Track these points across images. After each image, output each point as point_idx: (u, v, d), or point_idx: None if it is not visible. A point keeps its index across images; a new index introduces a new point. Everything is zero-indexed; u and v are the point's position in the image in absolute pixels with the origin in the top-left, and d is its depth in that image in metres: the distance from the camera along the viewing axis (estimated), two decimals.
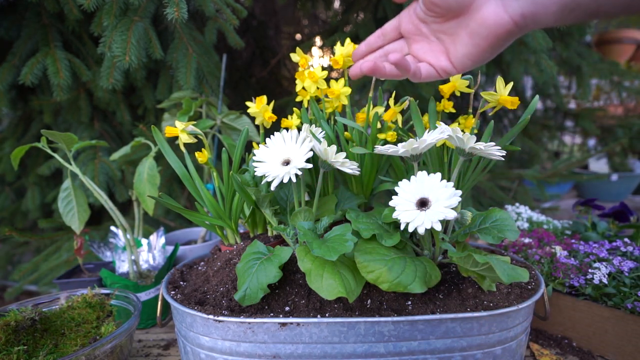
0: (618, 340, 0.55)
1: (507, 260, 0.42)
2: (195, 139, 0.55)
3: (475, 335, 0.42)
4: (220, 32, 0.94)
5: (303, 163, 0.44)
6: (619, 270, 0.57)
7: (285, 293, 0.45)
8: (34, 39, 0.91)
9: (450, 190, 0.39)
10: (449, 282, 0.47)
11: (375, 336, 0.41)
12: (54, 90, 0.85)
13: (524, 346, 0.47)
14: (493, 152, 0.42)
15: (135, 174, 0.70)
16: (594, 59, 1.31)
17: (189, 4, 0.73)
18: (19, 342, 0.49)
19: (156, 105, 1.01)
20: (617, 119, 1.77)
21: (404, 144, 0.43)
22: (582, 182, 2.15)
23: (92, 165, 0.98)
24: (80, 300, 0.56)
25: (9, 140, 1.14)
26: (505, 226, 0.46)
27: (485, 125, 0.55)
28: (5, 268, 1.27)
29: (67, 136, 0.60)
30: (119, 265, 0.70)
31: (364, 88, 1.22)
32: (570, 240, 0.68)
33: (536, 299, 0.45)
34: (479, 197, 1.33)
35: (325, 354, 0.41)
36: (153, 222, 1.11)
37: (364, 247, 0.43)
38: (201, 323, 0.42)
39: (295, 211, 0.48)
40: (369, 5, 1.25)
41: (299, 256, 0.42)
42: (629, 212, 0.74)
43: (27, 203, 1.11)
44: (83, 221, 0.67)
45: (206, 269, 0.54)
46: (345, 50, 0.57)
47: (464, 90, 0.54)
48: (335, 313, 0.42)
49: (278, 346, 0.41)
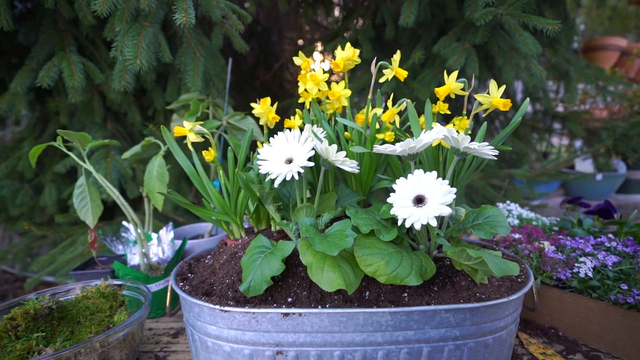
0: (601, 329, 0.55)
1: (498, 254, 0.42)
2: (202, 138, 0.54)
3: (468, 325, 0.41)
4: (226, 37, 0.94)
5: (305, 161, 0.44)
6: (603, 264, 0.57)
7: (287, 285, 0.45)
8: (51, 43, 0.91)
9: (445, 188, 0.39)
10: (443, 275, 0.47)
11: (373, 326, 0.41)
12: (69, 93, 0.85)
13: (513, 335, 0.47)
14: (486, 152, 0.42)
15: (145, 171, 0.70)
16: (581, 65, 1.30)
17: (197, 10, 0.73)
18: (37, 329, 0.49)
19: (165, 107, 1.01)
20: (602, 122, 1.76)
21: (401, 144, 0.42)
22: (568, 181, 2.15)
23: (105, 164, 0.98)
24: (95, 291, 0.56)
25: (27, 140, 1.14)
26: (497, 222, 0.46)
27: (478, 126, 0.55)
28: (25, 260, 1.27)
29: (81, 136, 0.60)
30: (131, 258, 0.70)
31: (363, 90, 1.21)
32: (557, 236, 0.68)
33: (525, 291, 0.45)
34: (471, 194, 1.33)
35: (325, 342, 0.41)
36: (162, 217, 1.11)
37: (363, 241, 0.42)
38: (208, 313, 0.42)
39: (298, 207, 0.48)
40: (368, 12, 1.24)
41: (301, 250, 0.42)
42: (613, 210, 0.74)
43: (44, 199, 1.11)
44: (96, 216, 0.67)
45: (213, 262, 0.54)
46: (345, 54, 0.56)
47: (459, 93, 0.54)
48: (335, 304, 0.42)
49: (281, 335, 0.41)
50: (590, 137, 1.69)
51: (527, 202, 1.51)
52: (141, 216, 0.77)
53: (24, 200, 1.17)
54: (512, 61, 0.95)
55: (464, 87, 0.54)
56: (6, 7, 0.76)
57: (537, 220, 0.81)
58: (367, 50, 1.14)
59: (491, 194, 1.28)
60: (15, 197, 1.17)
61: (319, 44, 1.49)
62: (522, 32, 0.83)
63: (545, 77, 0.95)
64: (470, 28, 0.93)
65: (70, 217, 0.96)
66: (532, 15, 0.78)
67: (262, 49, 1.67)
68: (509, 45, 0.94)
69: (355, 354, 0.41)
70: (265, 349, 0.41)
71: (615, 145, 1.69)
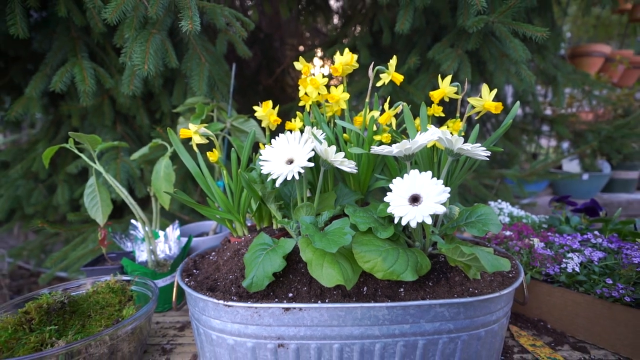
0: (587, 322, 0.55)
1: (490, 251, 0.41)
2: (207, 140, 0.54)
3: (462, 318, 0.41)
4: (230, 44, 0.93)
5: (305, 162, 0.44)
6: (589, 260, 0.57)
7: (288, 281, 0.45)
8: (64, 50, 0.91)
9: (440, 187, 0.38)
10: (438, 271, 0.47)
11: (370, 320, 0.40)
12: (81, 97, 0.84)
13: (504, 328, 0.47)
14: (479, 153, 0.42)
15: (153, 172, 0.70)
16: (568, 70, 1.30)
17: (202, 17, 0.72)
18: (50, 322, 0.49)
19: (172, 110, 1.01)
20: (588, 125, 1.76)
21: (398, 145, 0.42)
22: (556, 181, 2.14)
23: (115, 164, 0.97)
24: (104, 286, 0.56)
25: (41, 142, 1.13)
26: (489, 220, 0.45)
27: (470, 128, 0.54)
28: (39, 256, 1.27)
29: (92, 138, 0.59)
30: (139, 254, 0.70)
31: (361, 94, 1.21)
32: (546, 233, 0.67)
33: (516, 286, 0.44)
34: (464, 194, 1.32)
35: (325, 335, 0.41)
36: (169, 215, 1.11)
37: (361, 239, 0.42)
38: (212, 307, 0.42)
39: (298, 206, 0.48)
40: (365, 19, 1.24)
41: (302, 247, 0.42)
42: (599, 208, 0.73)
43: (57, 198, 1.10)
44: (106, 215, 0.66)
45: (217, 259, 0.53)
46: (344, 59, 0.56)
47: (452, 96, 0.54)
48: (334, 299, 0.42)
49: (282, 329, 0.41)
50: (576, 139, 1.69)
51: (518, 200, 1.50)
52: (149, 215, 0.76)
53: (38, 199, 1.17)
54: (502, 66, 0.95)
55: (457, 91, 0.54)
56: (22, 16, 0.75)
57: (527, 218, 0.81)
58: (364, 56, 1.14)
59: (483, 193, 1.27)
60: (30, 197, 1.16)
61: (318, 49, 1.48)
62: (512, 39, 0.82)
63: (534, 81, 0.94)
64: (463, 35, 0.92)
65: (81, 215, 0.96)
66: (522, 23, 0.77)
67: (264, 54, 1.67)
68: (500, 51, 0.93)
69: (354, 346, 0.41)
70: (267, 342, 0.41)
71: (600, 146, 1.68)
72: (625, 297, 0.50)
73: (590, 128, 1.67)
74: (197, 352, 0.52)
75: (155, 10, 0.69)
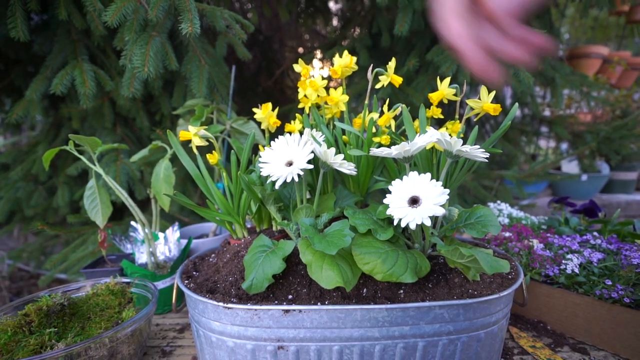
0: (587, 323, 0.55)
1: (489, 252, 0.41)
2: (206, 142, 0.54)
3: (461, 320, 0.41)
4: (229, 46, 0.93)
5: (305, 164, 0.43)
6: (588, 261, 0.57)
7: (288, 283, 0.45)
8: (64, 53, 0.91)
9: (439, 189, 0.38)
10: (437, 272, 0.46)
11: (370, 322, 0.40)
12: (81, 99, 0.84)
13: (504, 330, 0.46)
14: (478, 154, 0.42)
15: (152, 174, 0.70)
16: (566, 72, 1.30)
17: (202, 20, 0.72)
18: (50, 325, 0.49)
19: (172, 112, 1.01)
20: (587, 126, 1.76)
21: (397, 147, 0.42)
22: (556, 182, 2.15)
23: (114, 166, 0.97)
24: (104, 288, 0.55)
25: (41, 144, 1.13)
26: (488, 221, 0.45)
27: (469, 130, 0.54)
28: (39, 258, 1.27)
29: (92, 140, 0.59)
30: (138, 256, 0.69)
31: (360, 96, 1.21)
32: (545, 234, 0.67)
33: (516, 287, 0.44)
34: (464, 195, 1.32)
35: (324, 337, 0.41)
36: (169, 217, 1.11)
37: (360, 241, 0.42)
38: (212, 309, 0.42)
39: (298, 208, 0.47)
40: (364, 22, 1.24)
41: (301, 249, 0.42)
42: (598, 209, 0.73)
43: (57, 200, 1.10)
44: (106, 217, 0.66)
45: (216, 261, 0.53)
46: (343, 61, 0.56)
47: (451, 98, 0.54)
48: (334, 301, 0.42)
49: (282, 331, 0.40)
50: (575, 140, 1.69)
51: (517, 201, 1.50)
52: (149, 216, 0.76)
53: (38, 201, 1.16)
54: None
55: (456, 93, 0.54)
56: (23, 19, 0.75)
57: (527, 219, 0.81)
58: (364, 58, 1.14)
59: (482, 194, 1.27)
60: (30, 198, 1.16)
61: (318, 52, 1.49)
62: None
63: (533, 83, 0.94)
64: None
65: (81, 217, 0.96)
66: None
67: (264, 56, 1.67)
68: None
69: (354, 348, 0.41)
70: (267, 344, 0.41)
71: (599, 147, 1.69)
72: (625, 298, 0.50)
73: (589, 129, 1.67)
74: (197, 354, 0.52)
75: (156, 13, 0.69)
